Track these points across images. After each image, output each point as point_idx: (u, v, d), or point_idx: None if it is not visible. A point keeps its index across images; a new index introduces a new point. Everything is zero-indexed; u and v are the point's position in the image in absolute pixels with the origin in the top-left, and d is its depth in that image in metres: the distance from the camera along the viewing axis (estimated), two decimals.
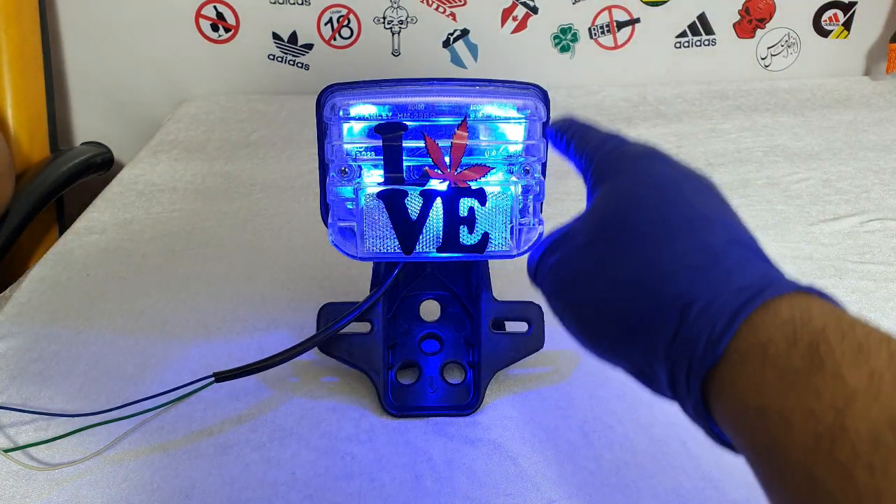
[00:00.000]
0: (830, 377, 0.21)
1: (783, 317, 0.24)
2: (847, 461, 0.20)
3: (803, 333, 0.23)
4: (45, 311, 0.62)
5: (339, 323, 0.49)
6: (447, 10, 1.16)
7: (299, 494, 0.44)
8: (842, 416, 0.20)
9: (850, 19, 1.21)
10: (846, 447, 0.20)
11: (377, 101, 0.44)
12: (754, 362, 0.23)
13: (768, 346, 0.23)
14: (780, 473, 0.22)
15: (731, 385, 0.24)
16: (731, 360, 0.24)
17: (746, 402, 0.23)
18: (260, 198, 0.82)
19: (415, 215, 0.45)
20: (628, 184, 0.32)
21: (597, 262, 0.30)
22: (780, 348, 0.23)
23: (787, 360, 0.23)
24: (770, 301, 0.25)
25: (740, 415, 0.24)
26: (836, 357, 0.22)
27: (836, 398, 0.21)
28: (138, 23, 1.13)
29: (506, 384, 0.53)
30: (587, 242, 0.31)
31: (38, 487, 0.44)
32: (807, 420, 0.21)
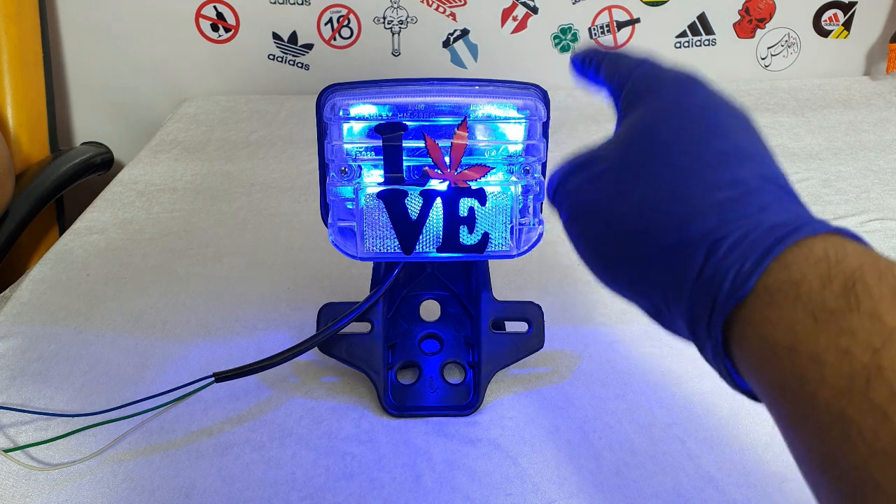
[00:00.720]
0: (867, 317, 0.21)
1: (817, 255, 0.23)
2: (883, 401, 0.19)
3: (838, 272, 0.22)
4: (45, 311, 0.62)
5: (339, 323, 0.49)
6: (447, 10, 1.16)
7: (299, 494, 0.44)
8: (878, 355, 0.20)
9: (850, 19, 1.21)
10: (883, 387, 0.19)
11: (377, 101, 0.44)
12: (785, 300, 0.23)
13: (801, 283, 0.22)
14: (808, 415, 0.21)
15: (758, 323, 0.23)
16: (761, 298, 0.23)
17: (775, 341, 0.22)
18: (260, 198, 0.82)
19: (415, 215, 0.45)
20: (663, 110, 0.30)
21: (623, 189, 0.29)
22: (813, 286, 0.22)
23: (820, 299, 0.22)
24: (803, 240, 0.24)
25: (766, 355, 0.23)
26: (873, 296, 0.21)
27: (873, 338, 0.20)
28: (138, 23, 1.13)
29: (506, 384, 0.53)
30: (615, 167, 0.30)
31: (38, 487, 0.44)
32: (840, 360, 0.20)
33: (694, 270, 0.25)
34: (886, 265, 0.22)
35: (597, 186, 0.30)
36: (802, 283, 0.22)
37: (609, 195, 0.29)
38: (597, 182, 0.30)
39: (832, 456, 0.21)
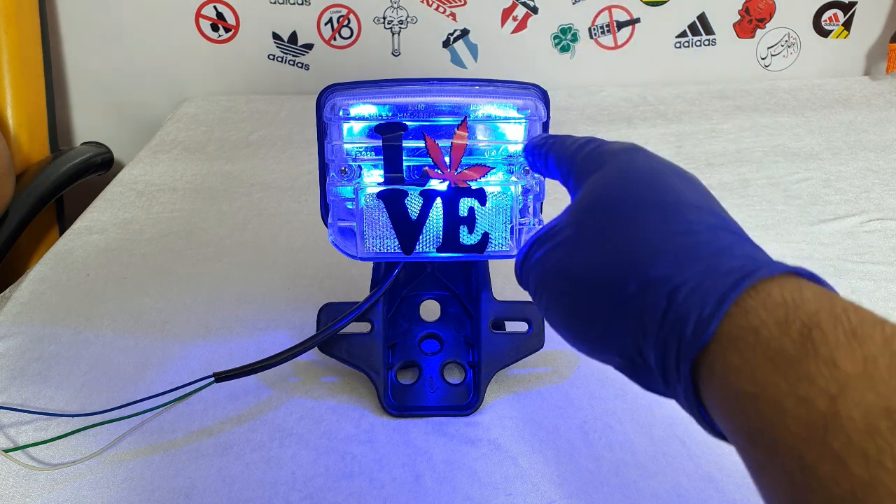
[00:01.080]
0: (824, 363, 0.21)
1: (775, 300, 0.23)
2: (841, 449, 0.19)
3: (795, 318, 0.22)
4: (45, 311, 0.62)
5: (339, 323, 0.49)
6: (447, 10, 1.16)
7: (299, 494, 0.44)
8: (835, 403, 0.20)
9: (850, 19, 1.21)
10: (840, 435, 0.20)
11: (377, 101, 0.44)
12: (745, 347, 0.23)
13: (760, 330, 0.23)
14: (772, 460, 0.22)
15: (721, 370, 0.23)
16: (721, 345, 0.24)
17: (737, 387, 0.23)
18: (260, 198, 0.82)
19: (415, 215, 0.45)
20: (612, 174, 0.32)
21: (583, 249, 0.30)
22: (772, 333, 0.22)
23: (779, 345, 0.22)
24: (760, 283, 0.24)
25: (731, 400, 0.23)
26: (829, 342, 0.21)
27: (830, 385, 0.20)
28: (138, 23, 1.13)
29: (506, 384, 0.53)
30: (574, 231, 0.31)
31: (38, 487, 0.44)
32: (799, 407, 0.21)
33: (658, 315, 0.26)
34: (842, 309, 0.22)
35: (559, 253, 0.32)
36: (762, 330, 0.23)
37: (571, 257, 0.31)
38: (558, 249, 0.32)
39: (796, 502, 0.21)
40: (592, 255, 0.29)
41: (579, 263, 0.30)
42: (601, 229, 0.30)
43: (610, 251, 0.29)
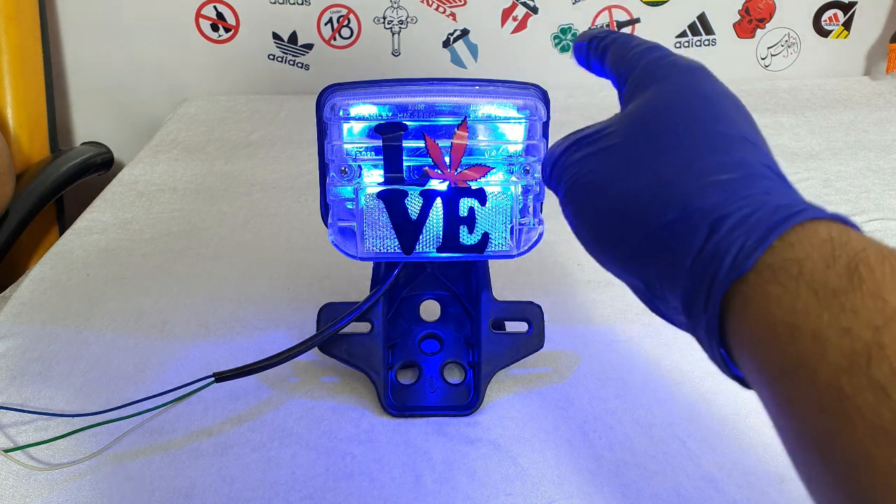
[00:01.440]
0: (869, 296, 0.21)
1: (821, 236, 0.23)
2: (884, 379, 0.19)
3: (842, 253, 0.22)
4: (45, 311, 0.62)
5: (339, 323, 0.49)
6: (447, 10, 1.16)
7: (299, 494, 0.44)
8: (880, 334, 0.20)
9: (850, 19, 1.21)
10: (884, 365, 0.19)
11: (377, 101, 0.44)
12: (787, 278, 0.23)
13: (804, 262, 0.23)
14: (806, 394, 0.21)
15: (759, 300, 0.23)
16: (762, 275, 0.23)
17: (775, 318, 0.22)
18: (260, 198, 0.82)
19: (415, 215, 0.45)
20: (672, 93, 0.31)
21: (629, 164, 0.29)
22: (816, 266, 0.22)
23: (823, 278, 0.22)
24: (808, 221, 0.24)
25: (765, 333, 0.23)
26: (875, 278, 0.21)
27: (875, 317, 0.20)
28: (138, 23, 1.13)
29: (506, 384, 0.53)
30: (621, 143, 0.30)
31: (38, 487, 0.44)
32: (842, 338, 0.21)
33: (695, 246, 0.25)
34: (888, 250, 0.22)
35: (601, 160, 0.30)
36: (806, 262, 0.22)
37: (614, 169, 0.29)
38: (601, 157, 0.30)
39: (829, 435, 0.20)
40: (636, 173, 0.28)
41: (621, 178, 0.29)
42: (653, 149, 0.29)
43: (656, 174, 0.28)
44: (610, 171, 0.29)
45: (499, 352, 0.51)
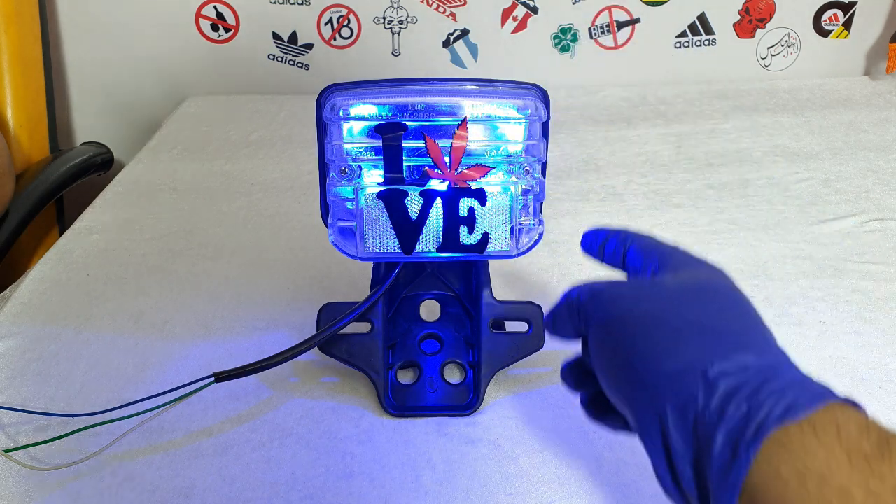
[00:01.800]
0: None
1: (854, 413, 0.26)
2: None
3: (874, 427, 0.25)
4: (45, 311, 0.62)
5: (339, 323, 0.49)
6: (447, 10, 1.16)
7: (299, 494, 0.44)
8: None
9: (850, 19, 1.21)
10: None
11: (377, 101, 0.44)
12: (825, 434, 0.25)
13: (841, 427, 0.25)
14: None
15: (796, 449, 0.25)
16: (803, 427, 0.26)
17: (807, 467, 0.25)
18: (260, 198, 0.82)
19: (415, 215, 0.45)
20: (710, 275, 0.34)
21: (677, 309, 0.31)
22: (851, 433, 0.25)
23: (857, 444, 0.25)
24: (843, 402, 0.27)
25: (794, 479, 0.25)
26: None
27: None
28: (138, 23, 1.13)
29: (506, 384, 0.53)
30: (671, 292, 0.33)
31: (38, 487, 0.44)
32: (867, 498, 0.23)
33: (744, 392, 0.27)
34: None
35: (650, 301, 0.32)
36: (843, 428, 0.25)
37: (665, 308, 0.32)
38: (651, 298, 0.32)
39: None
40: (686, 317, 0.31)
41: (672, 316, 0.31)
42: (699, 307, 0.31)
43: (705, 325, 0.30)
44: (661, 309, 0.31)
45: (499, 352, 0.51)
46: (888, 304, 0.62)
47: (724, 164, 0.90)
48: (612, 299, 0.33)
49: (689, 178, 0.86)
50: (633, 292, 0.33)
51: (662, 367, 0.29)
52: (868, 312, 0.61)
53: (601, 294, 0.34)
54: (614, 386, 0.32)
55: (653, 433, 0.29)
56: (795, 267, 0.68)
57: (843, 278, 0.66)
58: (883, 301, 0.63)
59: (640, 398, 0.30)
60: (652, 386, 0.29)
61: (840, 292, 0.64)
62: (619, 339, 0.32)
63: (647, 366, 0.30)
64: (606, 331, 0.33)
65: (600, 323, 0.33)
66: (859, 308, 0.62)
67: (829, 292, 0.64)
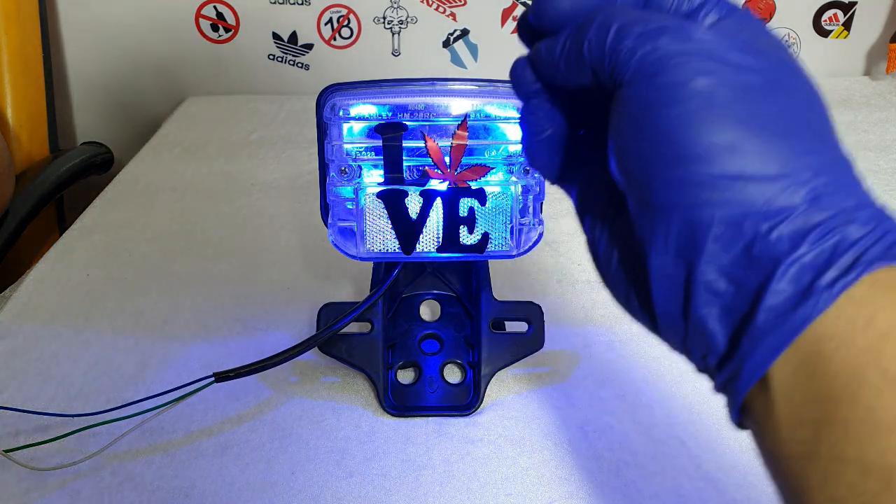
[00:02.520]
0: None
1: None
2: None
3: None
4: (45, 311, 0.62)
5: (339, 323, 0.49)
6: (447, 10, 1.16)
7: (299, 494, 0.44)
8: None
9: (850, 19, 1.21)
10: None
11: (377, 101, 0.44)
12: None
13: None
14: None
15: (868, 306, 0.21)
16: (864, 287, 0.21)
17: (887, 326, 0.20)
18: (260, 198, 0.82)
19: (415, 215, 0.45)
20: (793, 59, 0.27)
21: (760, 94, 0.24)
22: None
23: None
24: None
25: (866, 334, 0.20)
26: None
27: None
28: (138, 23, 1.13)
29: (506, 384, 0.53)
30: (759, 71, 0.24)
31: (38, 487, 0.44)
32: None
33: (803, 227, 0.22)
34: None
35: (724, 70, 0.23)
36: None
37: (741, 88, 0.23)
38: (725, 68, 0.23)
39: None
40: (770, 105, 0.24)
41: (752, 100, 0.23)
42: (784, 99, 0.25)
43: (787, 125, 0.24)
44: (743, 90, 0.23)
45: (499, 352, 0.51)
46: None
47: None
48: (680, 48, 0.23)
49: None
50: (707, 44, 0.23)
51: (727, 163, 0.22)
52: None
53: (657, 31, 0.23)
54: (638, 162, 0.24)
55: (672, 238, 0.23)
56: None
57: None
58: None
59: (678, 190, 0.23)
60: (704, 182, 0.22)
61: None
62: (676, 106, 0.23)
63: (707, 156, 0.22)
64: (656, 88, 0.23)
65: (647, 73, 0.23)
66: None
67: None
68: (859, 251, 0.21)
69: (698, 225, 0.22)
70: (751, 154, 0.22)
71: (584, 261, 0.68)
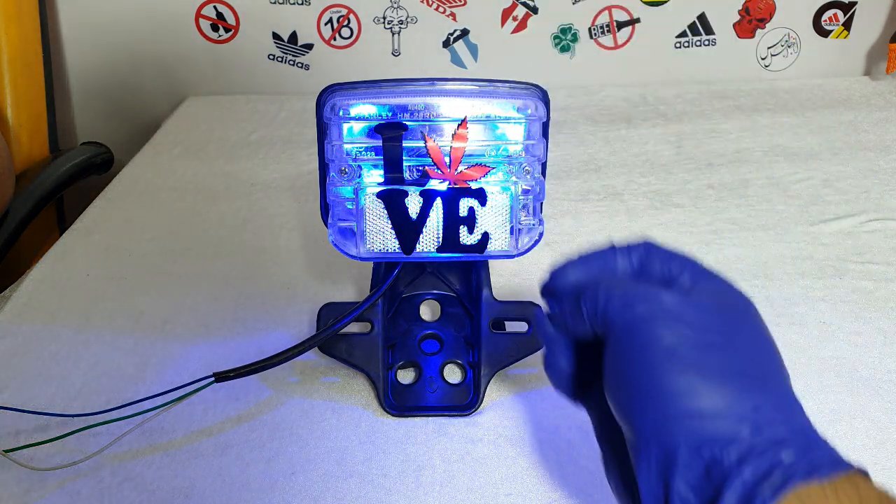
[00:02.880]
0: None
1: (872, 487, 0.26)
2: None
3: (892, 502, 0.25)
4: (45, 311, 0.62)
5: (339, 323, 0.49)
6: (447, 10, 1.16)
7: (299, 494, 0.44)
8: None
9: (850, 19, 1.21)
10: None
11: (377, 101, 0.44)
12: (850, 502, 0.25)
13: (863, 497, 0.25)
14: None
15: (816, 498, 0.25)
16: (826, 491, 0.25)
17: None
18: (260, 198, 0.82)
19: (415, 215, 0.45)
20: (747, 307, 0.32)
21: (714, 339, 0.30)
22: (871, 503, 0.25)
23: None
24: (861, 472, 0.26)
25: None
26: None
27: None
28: (138, 23, 1.13)
29: (506, 384, 0.53)
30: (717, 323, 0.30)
31: (38, 487, 0.44)
32: None
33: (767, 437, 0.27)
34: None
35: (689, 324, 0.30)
36: (865, 497, 0.25)
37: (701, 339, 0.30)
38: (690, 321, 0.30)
39: None
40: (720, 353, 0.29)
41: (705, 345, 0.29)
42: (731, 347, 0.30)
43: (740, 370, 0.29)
44: (703, 340, 0.29)
45: (499, 352, 0.51)
46: (888, 304, 0.62)
47: (724, 165, 0.90)
48: (651, 313, 0.30)
49: (689, 178, 0.86)
50: (674, 308, 0.30)
51: (687, 403, 0.28)
52: (868, 312, 0.61)
53: (634, 299, 0.31)
54: (623, 400, 0.30)
55: (653, 461, 0.28)
56: (795, 267, 0.68)
57: (843, 278, 0.66)
58: (883, 301, 0.63)
59: (653, 425, 0.28)
60: (671, 418, 0.28)
61: (840, 292, 0.64)
62: (647, 359, 0.29)
63: (672, 398, 0.28)
64: (632, 344, 0.30)
65: (626, 333, 0.30)
66: (859, 308, 0.62)
67: (830, 292, 0.64)
68: (788, 471, 0.26)
69: (670, 450, 0.28)
70: (705, 395, 0.28)
71: None
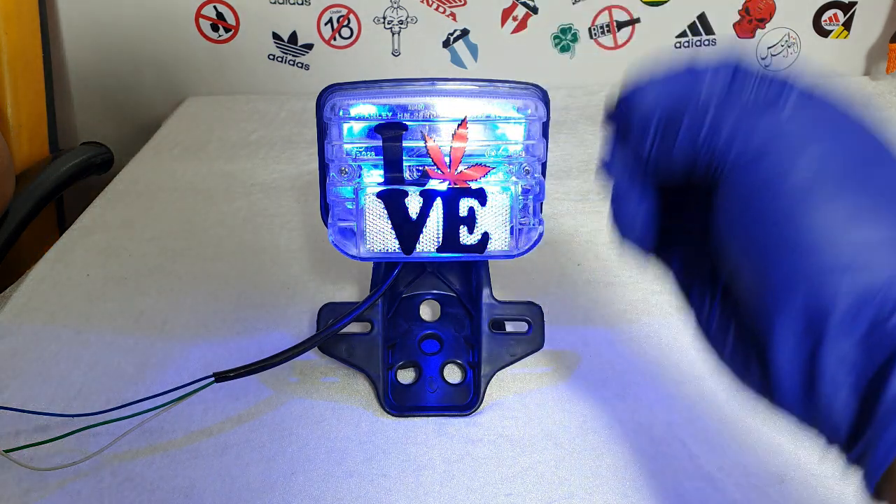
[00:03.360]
0: None
1: None
2: None
3: None
4: (45, 311, 0.62)
5: (339, 323, 0.49)
6: (447, 10, 1.16)
7: (299, 494, 0.44)
8: None
9: (850, 19, 1.21)
10: None
11: (377, 101, 0.44)
12: None
13: None
14: None
15: None
16: None
17: None
18: (260, 198, 0.82)
19: (415, 215, 0.45)
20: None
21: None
22: None
23: None
24: None
25: None
26: None
27: None
28: (138, 23, 1.13)
29: (506, 384, 0.53)
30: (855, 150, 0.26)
31: (38, 487, 0.44)
32: None
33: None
34: None
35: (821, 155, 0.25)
36: None
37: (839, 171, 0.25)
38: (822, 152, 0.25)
39: None
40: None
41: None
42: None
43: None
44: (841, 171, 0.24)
45: (499, 352, 0.51)
46: None
47: None
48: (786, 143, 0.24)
49: None
50: (806, 133, 0.24)
51: (839, 250, 0.22)
52: None
53: (757, 126, 0.24)
54: (750, 249, 0.24)
55: (800, 321, 0.22)
56: None
57: None
58: None
59: (794, 277, 0.22)
60: (824, 269, 0.22)
61: None
62: (785, 198, 0.23)
63: (818, 244, 0.22)
64: (766, 182, 0.24)
65: (752, 167, 0.24)
66: None
67: None
68: None
69: (825, 302, 0.22)
70: (869, 222, 0.22)
71: (584, 261, 0.68)
